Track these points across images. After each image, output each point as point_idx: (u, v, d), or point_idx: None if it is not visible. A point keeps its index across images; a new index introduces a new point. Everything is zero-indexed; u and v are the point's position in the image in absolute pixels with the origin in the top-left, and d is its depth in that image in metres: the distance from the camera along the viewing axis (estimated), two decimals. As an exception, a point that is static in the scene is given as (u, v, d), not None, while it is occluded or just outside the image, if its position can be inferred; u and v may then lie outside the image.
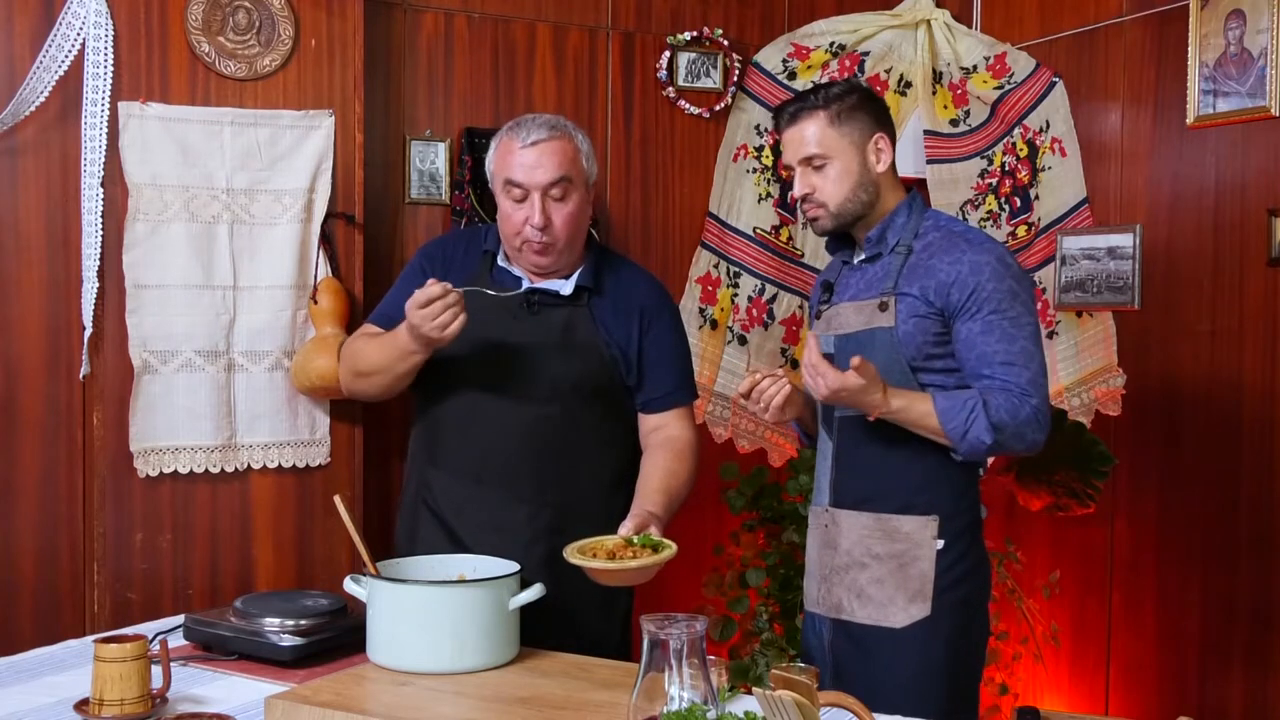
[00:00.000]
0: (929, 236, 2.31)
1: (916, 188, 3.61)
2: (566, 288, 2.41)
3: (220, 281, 2.90)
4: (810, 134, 2.32)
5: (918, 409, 2.21)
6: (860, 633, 2.31)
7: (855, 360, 2.12)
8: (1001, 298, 2.20)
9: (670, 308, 2.54)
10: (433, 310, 2.17)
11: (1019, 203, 3.60)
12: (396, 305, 2.48)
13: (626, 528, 2.16)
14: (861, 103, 2.34)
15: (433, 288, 2.18)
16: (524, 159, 2.33)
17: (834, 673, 2.34)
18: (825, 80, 3.58)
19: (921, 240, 2.31)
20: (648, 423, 2.47)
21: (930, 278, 2.24)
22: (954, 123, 3.70)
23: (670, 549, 2.09)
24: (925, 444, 2.25)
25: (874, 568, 2.30)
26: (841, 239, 2.44)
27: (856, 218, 2.34)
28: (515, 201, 2.34)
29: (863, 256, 2.39)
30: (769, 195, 3.72)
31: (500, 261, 2.45)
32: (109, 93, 2.77)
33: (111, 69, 2.77)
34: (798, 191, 2.36)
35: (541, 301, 2.40)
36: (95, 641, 1.82)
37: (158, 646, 1.89)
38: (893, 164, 2.36)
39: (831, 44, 3.69)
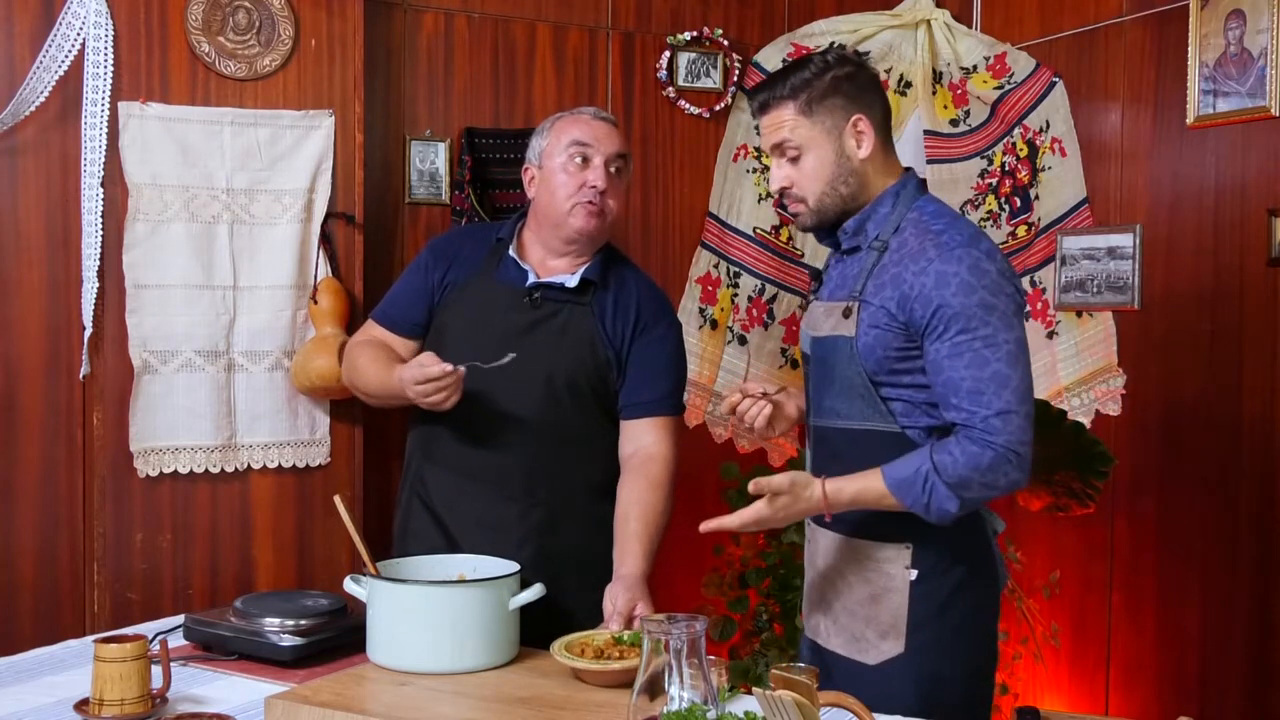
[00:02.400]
0: (905, 233, 2.03)
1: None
2: (572, 280, 2.41)
3: (220, 281, 2.90)
4: (780, 124, 2.08)
5: (872, 492, 1.97)
6: (833, 661, 2.13)
7: (752, 486, 1.94)
8: (971, 315, 1.92)
9: (669, 320, 2.52)
10: (426, 389, 2.19)
11: (1019, 203, 3.59)
12: (401, 300, 2.51)
13: (615, 622, 2.08)
14: (836, 84, 2.05)
15: (431, 368, 2.18)
16: (596, 128, 2.43)
17: None
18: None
19: (898, 237, 2.03)
20: (626, 433, 2.42)
21: (895, 288, 1.99)
22: (954, 123, 3.70)
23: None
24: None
25: (846, 596, 2.12)
26: (830, 228, 2.19)
27: (840, 212, 2.10)
28: (578, 164, 2.39)
29: (844, 249, 2.15)
30: (769, 195, 3.72)
31: (511, 252, 2.45)
32: (109, 93, 2.77)
33: (111, 69, 2.77)
34: (774, 185, 2.14)
35: (545, 296, 2.40)
36: (95, 641, 1.82)
37: (158, 646, 1.89)
38: (879, 146, 2.08)
39: (831, 44, 3.69)
